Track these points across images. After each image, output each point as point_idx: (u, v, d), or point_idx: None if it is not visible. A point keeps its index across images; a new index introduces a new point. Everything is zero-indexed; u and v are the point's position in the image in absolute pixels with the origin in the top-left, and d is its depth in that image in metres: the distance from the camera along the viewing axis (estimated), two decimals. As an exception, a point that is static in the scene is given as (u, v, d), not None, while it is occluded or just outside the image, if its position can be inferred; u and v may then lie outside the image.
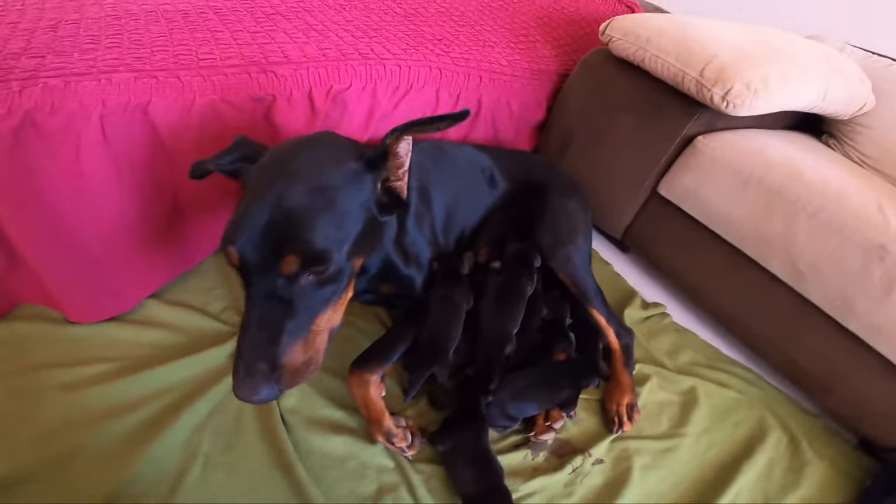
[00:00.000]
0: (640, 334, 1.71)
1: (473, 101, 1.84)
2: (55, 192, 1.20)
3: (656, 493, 1.33)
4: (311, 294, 0.97)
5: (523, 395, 1.35)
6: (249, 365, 0.91)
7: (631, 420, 1.43)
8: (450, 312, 1.41)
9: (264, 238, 0.93)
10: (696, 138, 1.68)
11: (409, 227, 1.40)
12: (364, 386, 1.29)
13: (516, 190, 1.71)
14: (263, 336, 0.93)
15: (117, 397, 1.25)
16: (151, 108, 1.28)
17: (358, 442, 1.27)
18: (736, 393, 1.63)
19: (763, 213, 1.55)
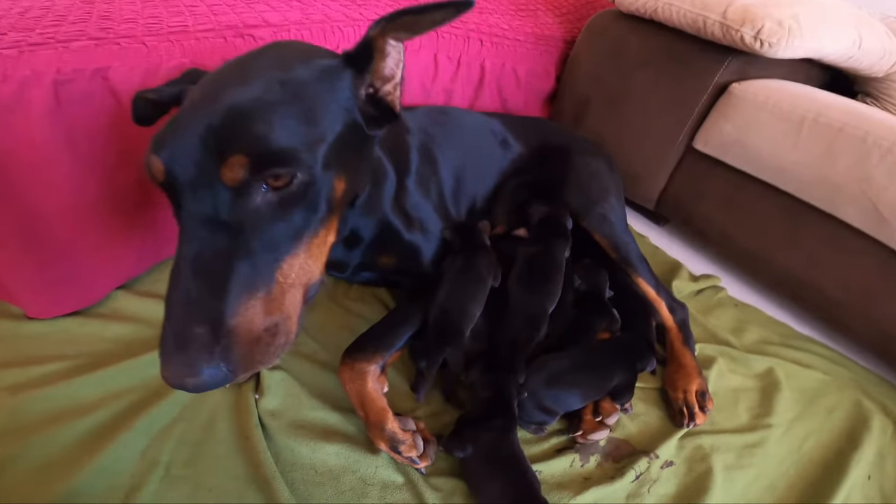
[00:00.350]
0: (694, 310, 1.34)
1: (476, 67, 1.61)
2: (4, 164, 0.98)
3: (747, 498, 0.98)
4: (272, 221, 0.65)
5: (561, 380, 1.00)
6: (180, 330, 0.59)
7: (704, 411, 1.07)
8: (470, 284, 1.08)
9: (201, 141, 0.61)
10: (731, 86, 1.43)
11: (410, 187, 1.11)
12: (359, 379, 0.96)
13: (533, 154, 1.43)
14: (201, 285, 0.60)
15: (68, 399, 0.96)
16: (112, 74, 1.05)
17: (356, 451, 0.93)
18: (821, 374, 1.26)
19: (826, 154, 1.26)
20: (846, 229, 1.27)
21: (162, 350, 0.60)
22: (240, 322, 0.61)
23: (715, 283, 1.49)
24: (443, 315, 1.04)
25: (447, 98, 1.58)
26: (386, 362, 1.02)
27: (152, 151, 0.64)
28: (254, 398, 0.98)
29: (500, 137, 1.41)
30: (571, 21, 1.85)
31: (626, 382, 1.04)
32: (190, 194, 0.62)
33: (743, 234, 1.47)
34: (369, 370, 0.97)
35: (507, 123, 1.45)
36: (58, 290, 1.10)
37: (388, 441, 0.90)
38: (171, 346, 0.59)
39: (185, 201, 0.62)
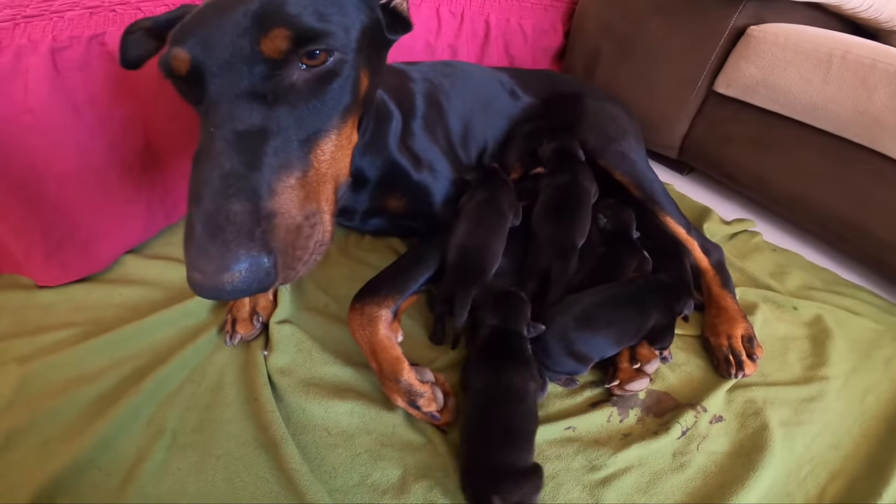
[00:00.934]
0: (729, 254, 1.11)
1: (480, 22, 1.42)
2: (4, 131, 0.85)
3: (810, 457, 0.77)
4: (307, 99, 0.56)
5: (592, 319, 0.79)
6: (214, 211, 0.47)
7: (752, 359, 0.85)
8: (490, 218, 0.89)
9: (236, 24, 0.53)
10: (748, 29, 1.24)
11: (416, 130, 0.95)
12: (370, 325, 0.78)
13: (544, 104, 1.24)
14: (237, 159, 0.50)
15: (75, 367, 0.82)
16: (108, 39, 0.93)
17: (372, 409, 0.76)
18: (873, 323, 1.02)
19: (860, 89, 1.06)
20: (892, 164, 1.04)
21: (189, 244, 0.47)
22: (280, 202, 0.51)
23: (749, 226, 1.26)
24: (463, 253, 0.85)
25: (452, 55, 1.40)
26: (399, 307, 0.84)
27: (174, 44, 0.54)
28: (263, 355, 0.81)
29: (508, 87, 1.23)
30: (576, -25, 1.62)
31: (664, 324, 0.83)
32: (223, 75, 0.53)
33: (780, 175, 1.24)
34: (381, 315, 0.79)
35: (515, 75, 1.28)
36: (65, 257, 0.95)
37: (404, 395, 0.73)
38: (203, 234, 0.46)
39: (216, 84, 0.53)
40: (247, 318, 0.86)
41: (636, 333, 0.81)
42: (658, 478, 0.71)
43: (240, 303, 0.87)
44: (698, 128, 1.38)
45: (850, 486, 0.74)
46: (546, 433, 0.74)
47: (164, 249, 1.06)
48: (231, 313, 0.86)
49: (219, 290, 0.46)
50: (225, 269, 0.46)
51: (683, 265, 0.97)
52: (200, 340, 0.84)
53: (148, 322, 0.87)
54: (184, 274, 0.93)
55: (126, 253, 1.03)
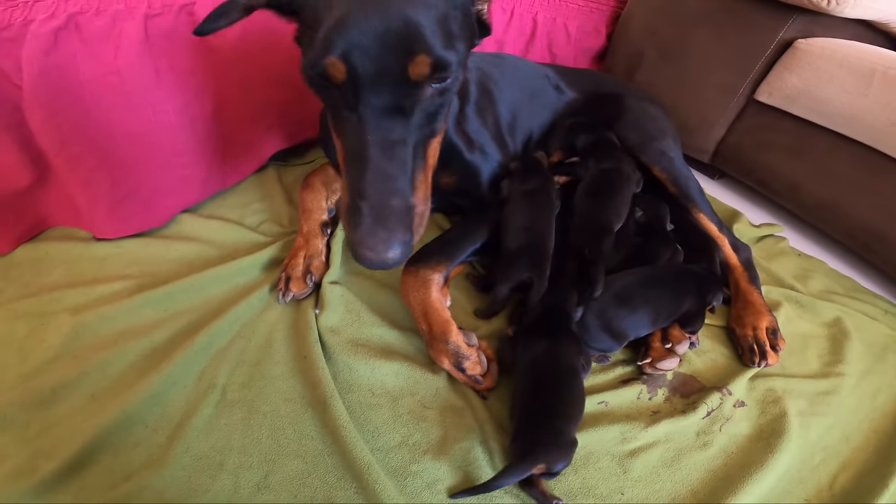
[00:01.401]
0: (757, 256, 1.16)
1: (528, 19, 1.48)
2: (88, 90, 0.90)
3: (822, 446, 0.83)
4: (432, 112, 0.68)
5: (630, 297, 0.85)
6: (381, 205, 0.62)
7: (776, 350, 0.91)
8: (545, 209, 0.94)
9: (381, 42, 0.60)
10: (795, 41, 1.28)
11: (470, 114, 1.00)
12: (424, 287, 0.84)
13: (587, 99, 1.28)
14: (391, 165, 0.64)
15: (128, 320, 0.84)
16: (197, 9, 0.98)
17: (416, 371, 0.80)
18: (888, 329, 1.06)
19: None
20: (924, 179, 1.07)
21: (358, 229, 0.61)
22: (417, 198, 0.66)
23: (776, 230, 1.31)
24: (528, 242, 0.89)
25: (499, 48, 1.45)
26: (449, 274, 0.89)
27: (330, 52, 0.60)
28: (314, 314, 0.86)
29: (553, 82, 1.28)
30: (620, -20, 1.67)
31: (695, 309, 0.89)
32: (372, 88, 0.62)
33: (812, 183, 1.29)
34: (433, 278, 0.85)
35: (559, 71, 1.32)
36: (127, 211, 1.00)
37: (451, 356, 0.78)
38: (371, 222, 0.61)
39: (367, 95, 0.62)
40: (300, 276, 0.90)
41: (669, 316, 0.86)
42: (683, 454, 0.76)
43: (294, 261, 0.92)
44: (735, 134, 1.43)
45: (860, 477, 0.79)
46: None
47: (219, 210, 1.11)
48: (286, 272, 0.91)
49: (385, 262, 0.61)
50: (390, 248, 0.61)
51: (713, 260, 1.02)
52: (252, 297, 0.88)
53: (202, 277, 0.91)
54: (236, 233, 1.02)
55: (182, 212, 1.08)
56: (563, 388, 0.72)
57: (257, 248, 0.99)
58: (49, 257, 0.97)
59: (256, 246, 1.01)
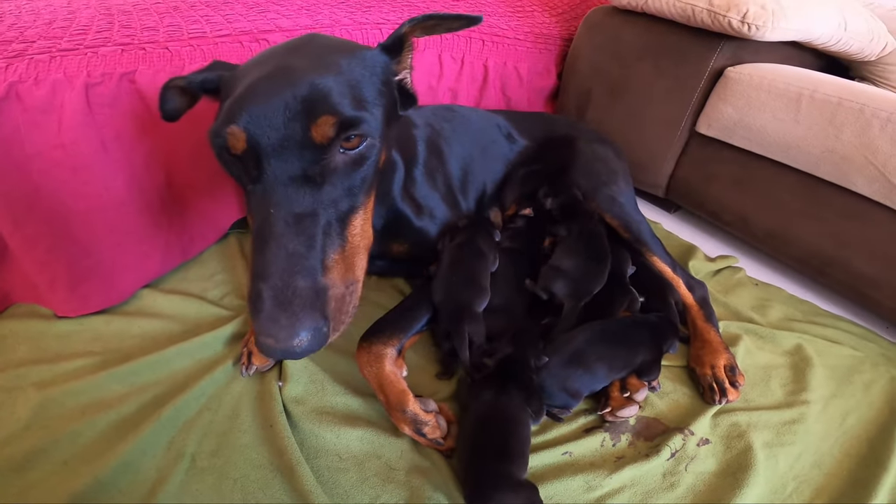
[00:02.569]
0: (713, 290, 1.22)
1: (479, 66, 1.53)
2: (35, 165, 0.93)
3: (793, 475, 0.86)
4: (345, 180, 0.65)
5: (583, 357, 0.88)
6: (282, 287, 0.57)
7: (735, 386, 0.95)
8: (472, 258, 0.99)
9: (287, 108, 0.60)
10: (726, 70, 1.35)
11: (418, 177, 1.05)
12: (377, 362, 0.87)
13: (539, 146, 1.34)
14: (297, 241, 0.60)
15: (95, 393, 0.89)
16: (139, 77, 1.01)
17: (381, 436, 0.84)
18: (851, 350, 1.11)
19: (828, 128, 1.16)
20: (864, 201, 1.15)
21: (259, 315, 0.56)
22: (331, 278, 0.61)
23: (732, 262, 1.37)
24: (448, 291, 0.94)
25: (453, 97, 1.51)
26: (403, 346, 0.93)
27: (230, 122, 0.60)
28: (277, 386, 0.89)
29: (505, 131, 1.33)
30: (567, 20, 1.77)
31: (651, 359, 0.93)
32: (275, 157, 0.60)
33: (760, 213, 1.35)
34: (386, 353, 0.88)
35: (511, 118, 1.38)
36: (85, 289, 1.03)
37: (410, 423, 0.81)
38: (273, 307, 0.56)
39: (269, 164, 0.61)
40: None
41: (624, 367, 0.91)
42: (650, 496, 0.79)
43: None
44: (683, 167, 1.48)
45: (835, 501, 0.82)
46: (545, 458, 0.82)
47: (181, 284, 1.14)
48: (247, 347, 0.94)
49: (289, 352, 0.56)
50: (295, 336, 0.56)
51: (668, 303, 1.07)
52: (217, 371, 0.91)
53: (167, 353, 0.94)
54: (198, 308, 1.05)
55: (143, 287, 1.11)
56: (509, 433, 0.76)
57: (220, 323, 1.03)
58: (13, 334, 1.01)
59: (219, 320, 1.04)
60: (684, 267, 1.23)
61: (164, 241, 1.11)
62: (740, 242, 1.50)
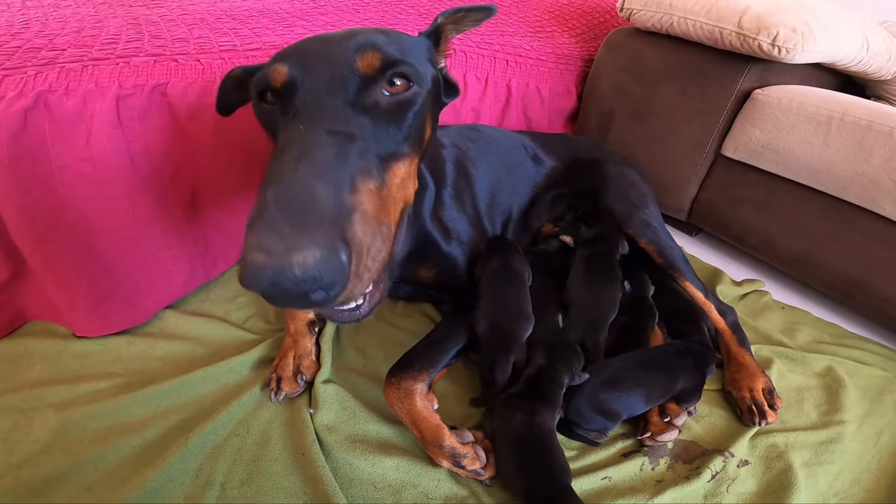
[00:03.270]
0: (741, 314, 1.21)
1: (502, 86, 1.55)
2: (61, 179, 0.91)
3: (834, 493, 0.88)
4: (387, 121, 0.62)
5: (622, 379, 0.88)
6: (296, 192, 0.45)
7: (774, 409, 0.95)
8: (511, 283, 0.99)
9: (330, 49, 0.63)
10: (753, 92, 1.35)
11: (446, 199, 1.05)
12: (407, 399, 0.85)
13: (566, 168, 1.34)
14: (326, 152, 0.51)
15: (117, 417, 0.88)
16: (170, 90, 1.02)
17: (417, 464, 0.82)
18: (881, 371, 1.12)
19: (857, 151, 1.17)
20: (892, 224, 1.16)
21: (255, 224, 0.43)
22: (362, 200, 0.50)
23: (758, 286, 1.37)
24: (493, 322, 0.94)
25: (475, 117, 1.52)
26: (433, 379, 0.92)
27: (275, 61, 0.63)
28: (308, 413, 0.88)
29: (531, 152, 1.33)
30: (587, 40, 1.80)
31: (693, 385, 0.93)
32: (317, 87, 0.60)
33: (786, 237, 1.35)
34: (416, 388, 0.86)
35: (536, 139, 1.38)
36: (106, 309, 1.02)
37: (448, 457, 0.80)
38: (277, 211, 0.43)
39: (311, 93, 0.60)
40: (291, 377, 0.92)
41: (664, 394, 0.90)
42: None
43: (284, 362, 0.94)
44: (707, 191, 1.49)
45: None
46: (585, 483, 0.82)
47: (203, 306, 1.13)
48: (276, 372, 0.93)
49: (284, 272, 0.41)
50: (298, 248, 0.41)
51: (701, 328, 1.08)
52: (245, 397, 0.90)
53: (191, 377, 0.93)
54: (222, 331, 1.04)
55: (165, 308, 1.10)
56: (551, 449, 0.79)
57: (246, 347, 1.01)
58: (28, 353, 0.99)
59: (244, 344, 1.03)
60: (712, 291, 1.24)
61: (189, 261, 1.10)
62: (763, 265, 1.50)
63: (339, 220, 0.45)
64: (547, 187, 1.31)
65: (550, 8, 1.91)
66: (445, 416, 0.88)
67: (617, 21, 1.88)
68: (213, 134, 1.05)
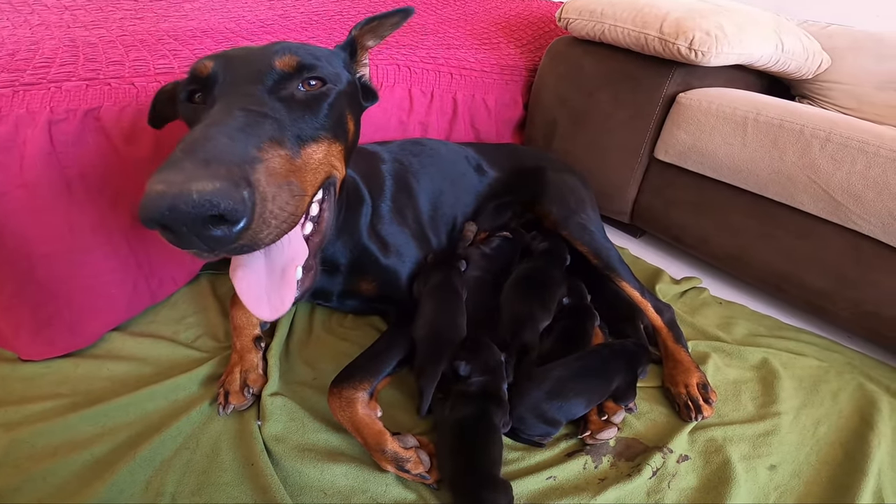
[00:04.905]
0: (680, 311, 1.28)
1: (448, 99, 1.59)
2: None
3: (774, 486, 0.90)
4: (303, 111, 0.70)
5: (564, 389, 0.92)
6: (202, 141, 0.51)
7: (709, 402, 1.00)
8: (449, 298, 1.03)
9: (252, 53, 0.71)
10: (678, 96, 1.43)
11: (385, 213, 1.09)
12: (349, 407, 0.88)
13: (509, 177, 1.40)
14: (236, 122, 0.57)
15: (66, 434, 0.89)
16: (103, 114, 1.01)
17: (365, 470, 0.85)
18: (816, 361, 1.19)
19: (773, 150, 1.25)
20: (812, 219, 1.24)
21: (161, 168, 0.47)
22: (267, 158, 0.56)
23: (696, 283, 1.45)
24: (432, 332, 0.98)
25: (423, 131, 1.56)
26: (375, 389, 0.95)
27: (202, 60, 0.70)
28: (256, 425, 0.90)
29: (474, 163, 1.39)
30: (532, 51, 1.84)
31: (626, 384, 0.98)
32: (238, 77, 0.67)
33: (718, 236, 1.43)
34: (357, 397, 0.89)
35: (480, 150, 1.44)
36: (50, 333, 1.01)
37: (392, 462, 0.83)
38: (183, 156, 0.48)
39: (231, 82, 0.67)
40: (238, 390, 0.94)
41: (601, 396, 0.95)
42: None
43: (231, 377, 0.96)
44: (645, 194, 1.56)
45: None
46: (529, 484, 0.85)
47: (151, 327, 1.14)
48: (223, 387, 0.95)
49: (181, 196, 0.44)
50: (197, 178, 0.45)
51: (638, 328, 1.14)
52: (193, 412, 0.92)
53: (139, 395, 0.94)
54: (170, 350, 1.07)
55: (112, 330, 1.10)
56: (492, 441, 0.83)
57: (194, 365, 1.03)
58: None
59: (193, 362, 1.04)
60: (651, 290, 1.30)
61: (132, 284, 1.10)
62: (703, 263, 1.58)
63: (243, 164, 0.50)
64: (490, 196, 1.36)
65: (498, 20, 1.97)
66: (392, 424, 0.92)
67: (561, 31, 1.94)
68: (151, 157, 1.06)
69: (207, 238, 0.49)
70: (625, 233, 1.74)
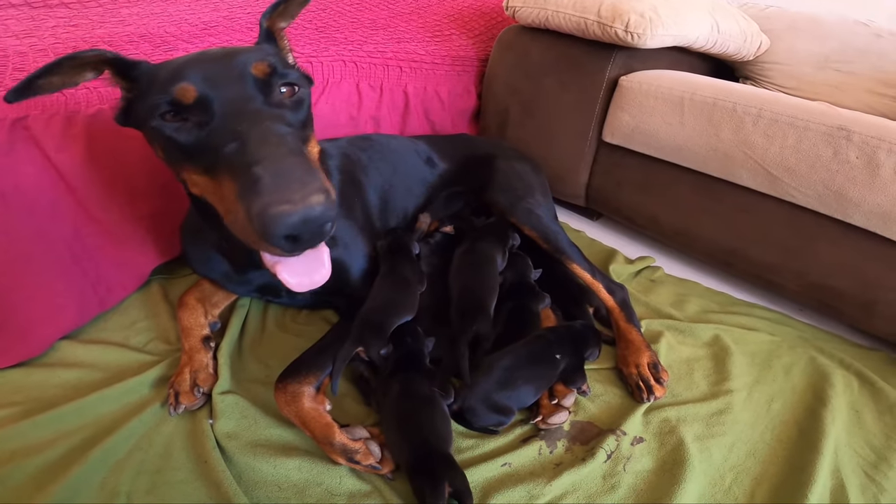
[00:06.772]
0: (634, 290, 1.31)
1: (399, 93, 1.59)
2: None
3: (730, 466, 0.91)
4: (294, 115, 0.74)
5: (512, 379, 0.93)
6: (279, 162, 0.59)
7: (660, 382, 1.02)
8: (396, 285, 1.04)
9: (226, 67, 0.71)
10: (620, 79, 1.46)
11: None
12: (294, 401, 0.89)
13: (459, 168, 1.41)
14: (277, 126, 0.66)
15: (20, 440, 0.88)
16: (31, 123, 0.98)
17: (318, 464, 0.86)
18: (768, 335, 1.21)
19: (708, 127, 1.30)
20: (752, 193, 1.28)
21: (261, 188, 0.56)
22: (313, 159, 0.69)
23: (650, 263, 1.48)
24: (367, 313, 0.99)
25: (375, 126, 1.56)
26: (322, 382, 0.95)
27: (175, 83, 0.68)
28: (208, 423, 0.90)
29: (424, 156, 1.40)
30: (484, 41, 1.85)
31: (573, 367, 0.99)
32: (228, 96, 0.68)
33: (666, 214, 1.47)
34: (303, 391, 0.90)
35: (431, 143, 1.45)
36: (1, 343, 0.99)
37: (341, 454, 0.84)
38: (276, 176, 0.57)
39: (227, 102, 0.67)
40: (188, 389, 0.95)
41: (550, 381, 0.96)
42: (593, 499, 0.83)
43: (180, 377, 0.96)
44: (596, 176, 1.60)
45: (776, 489, 0.87)
46: (485, 471, 0.86)
47: (100, 334, 1.12)
48: (174, 387, 0.95)
49: (309, 212, 0.55)
50: (311, 193, 0.56)
51: (585, 310, 1.15)
52: (145, 414, 0.92)
53: (91, 399, 0.94)
54: (121, 356, 1.06)
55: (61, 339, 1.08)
56: (432, 414, 0.85)
57: (144, 368, 1.02)
58: None
59: (144, 365, 1.04)
60: (606, 271, 1.34)
61: (79, 292, 1.09)
62: (658, 243, 1.62)
63: (317, 173, 0.60)
64: (441, 187, 1.38)
65: (451, 13, 1.98)
66: (345, 416, 0.94)
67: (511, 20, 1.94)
68: (84, 164, 1.05)
69: (317, 238, 0.60)
70: (582, 216, 1.78)
